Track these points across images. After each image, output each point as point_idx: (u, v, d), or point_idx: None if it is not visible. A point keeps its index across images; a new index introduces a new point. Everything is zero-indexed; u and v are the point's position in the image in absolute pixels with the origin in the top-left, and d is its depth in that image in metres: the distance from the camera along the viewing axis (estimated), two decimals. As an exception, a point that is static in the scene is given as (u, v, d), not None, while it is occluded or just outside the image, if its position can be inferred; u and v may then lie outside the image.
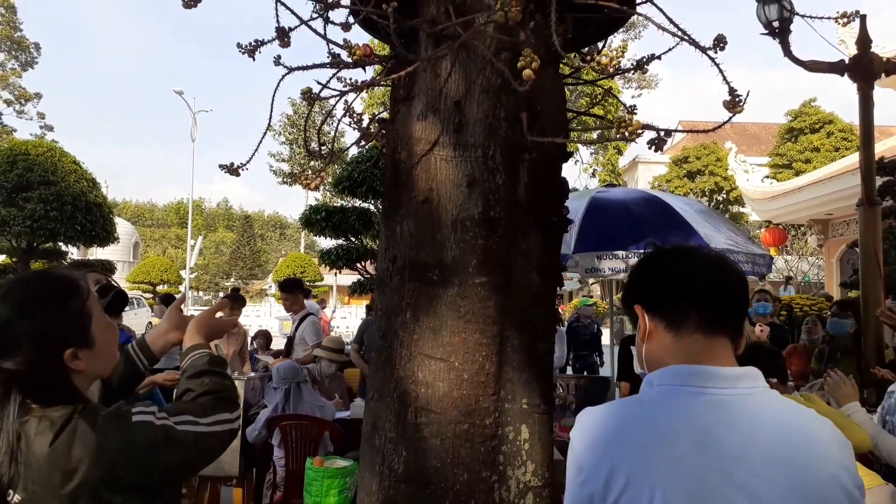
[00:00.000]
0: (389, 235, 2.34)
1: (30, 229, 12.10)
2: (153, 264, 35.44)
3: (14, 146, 13.35)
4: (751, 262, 5.78)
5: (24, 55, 37.46)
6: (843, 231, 17.75)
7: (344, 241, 11.18)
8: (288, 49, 2.74)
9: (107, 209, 13.79)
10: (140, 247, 49.70)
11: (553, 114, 2.43)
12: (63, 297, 1.56)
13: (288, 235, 78.58)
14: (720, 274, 1.37)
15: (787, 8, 4.21)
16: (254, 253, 61.48)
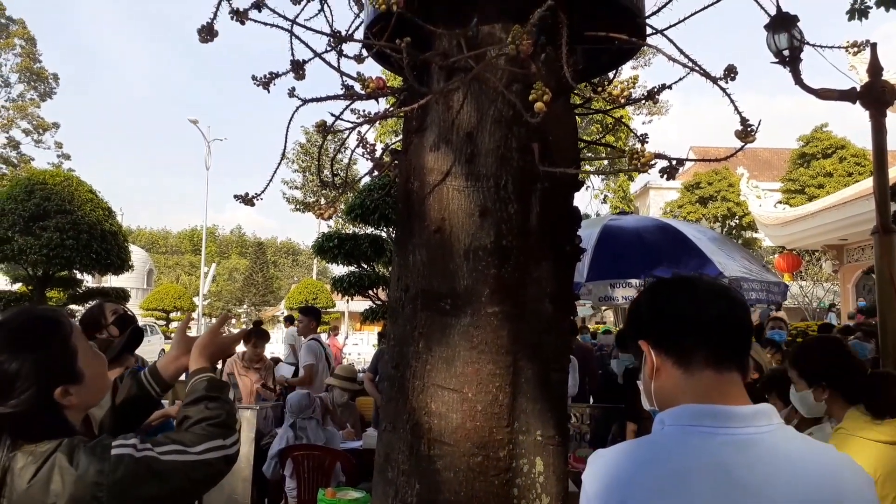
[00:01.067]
0: (402, 264, 2.34)
1: (46, 258, 12.22)
2: (167, 291, 35.63)
3: (32, 176, 13.56)
4: (765, 290, 5.73)
5: (43, 86, 38.19)
6: (859, 256, 17.59)
7: (356, 268, 11.21)
8: (302, 80, 2.78)
9: (122, 237, 13.92)
10: (154, 274, 50.01)
11: (564, 143, 2.44)
12: (47, 337, 1.56)
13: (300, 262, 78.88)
14: (726, 305, 1.33)
15: (796, 37, 4.23)
16: (266, 280, 61.68)
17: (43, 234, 12.18)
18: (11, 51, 37.01)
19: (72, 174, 14.53)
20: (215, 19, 2.48)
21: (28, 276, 13.27)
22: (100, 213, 13.23)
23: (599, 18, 2.30)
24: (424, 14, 2.18)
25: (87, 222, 12.69)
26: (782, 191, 28.85)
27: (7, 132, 37.34)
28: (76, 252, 12.36)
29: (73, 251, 12.32)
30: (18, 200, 12.50)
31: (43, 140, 37.88)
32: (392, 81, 3.05)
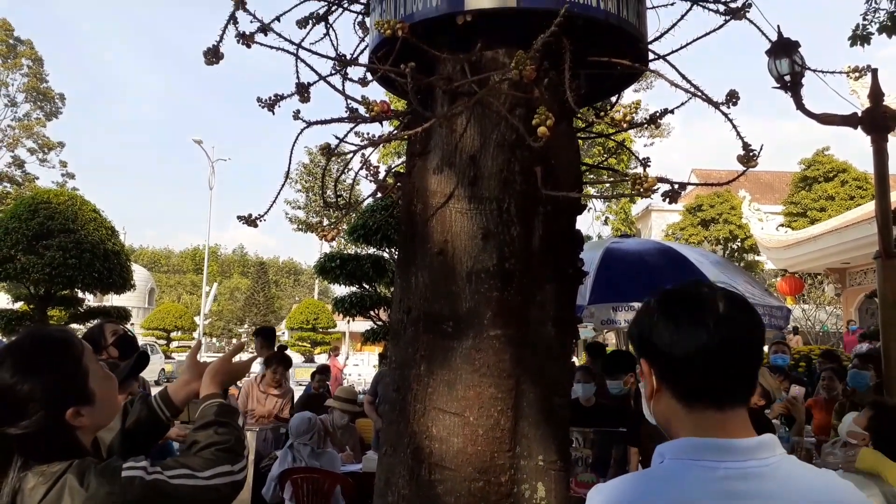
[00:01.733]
0: (404, 286, 2.34)
1: (48, 276, 12.24)
2: (168, 311, 35.58)
3: (37, 195, 13.64)
4: (768, 315, 5.72)
5: (49, 105, 38.50)
6: (861, 280, 17.56)
7: (358, 289, 11.20)
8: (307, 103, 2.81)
9: (124, 257, 13.95)
10: (155, 293, 49.99)
11: (567, 167, 2.45)
12: (59, 358, 1.56)
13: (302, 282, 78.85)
14: (734, 328, 1.22)
15: (798, 63, 4.27)
16: (268, 299, 61.60)
17: (46, 252, 12.21)
18: (19, 71, 37.37)
19: (76, 193, 14.61)
20: (221, 42, 2.52)
21: (30, 294, 13.28)
22: (103, 233, 13.28)
23: (602, 44, 2.32)
24: (429, 39, 2.20)
25: (89, 241, 12.73)
26: (784, 214, 28.86)
27: (12, 151, 37.60)
28: (78, 271, 12.38)
29: (76, 270, 12.34)
30: (22, 219, 12.55)
31: (48, 159, 38.13)
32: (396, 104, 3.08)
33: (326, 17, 2.92)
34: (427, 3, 2.17)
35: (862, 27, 6.87)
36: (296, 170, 41.36)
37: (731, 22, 2.58)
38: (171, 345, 34.18)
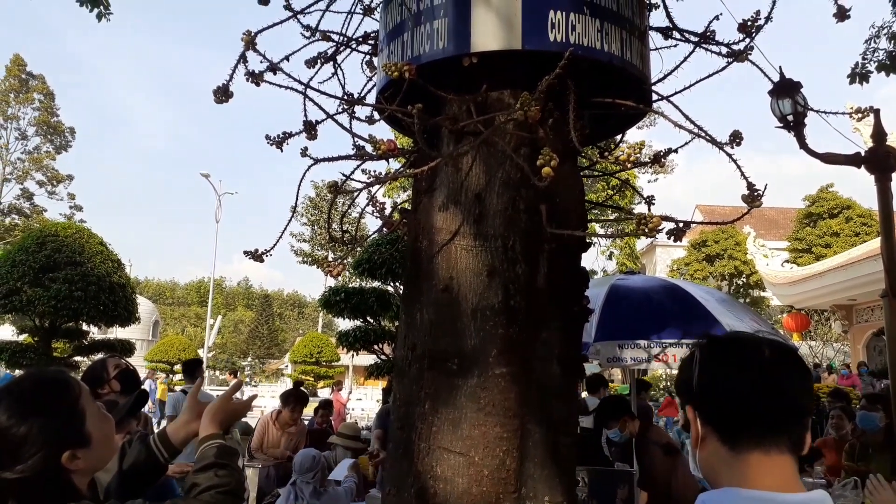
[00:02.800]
0: (409, 323, 2.34)
1: (54, 309, 12.26)
2: (171, 343, 35.45)
3: (45, 228, 13.73)
4: (775, 353, 5.62)
5: (59, 139, 38.94)
6: (868, 317, 17.44)
7: (362, 323, 11.17)
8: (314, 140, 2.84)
9: (129, 289, 13.98)
10: (160, 325, 49.91)
11: (572, 205, 2.47)
12: (56, 400, 1.55)
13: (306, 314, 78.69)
14: (782, 376, 1.20)
15: (800, 103, 4.32)
16: (271, 332, 61.39)
17: (52, 285, 12.25)
18: (30, 105, 37.91)
19: (83, 226, 14.70)
20: (231, 81, 2.56)
21: (35, 327, 13.28)
22: (109, 266, 13.33)
23: (606, 85, 2.36)
24: (435, 80, 2.24)
25: (96, 274, 12.77)
26: (789, 250, 28.80)
27: (21, 183, 37.95)
28: (84, 303, 12.40)
29: (81, 303, 12.36)
30: (30, 252, 12.62)
31: (56, 191, 38.44)
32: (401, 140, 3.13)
33: (335, 56, 2.97)
34: (434, 45, 2.21)
35: (861, 65, 6.95)
36: (302, 203, 41.59)
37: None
38: (175, 377, 33.99)
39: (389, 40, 2.42)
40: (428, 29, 2.22)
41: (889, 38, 6.85)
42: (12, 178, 38.00)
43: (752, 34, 2.49)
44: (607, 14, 2.21)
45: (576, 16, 2.14)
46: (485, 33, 2.14)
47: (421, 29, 2.24)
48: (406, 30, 2.31)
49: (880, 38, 6.93)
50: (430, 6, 2.23)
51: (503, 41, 2.14)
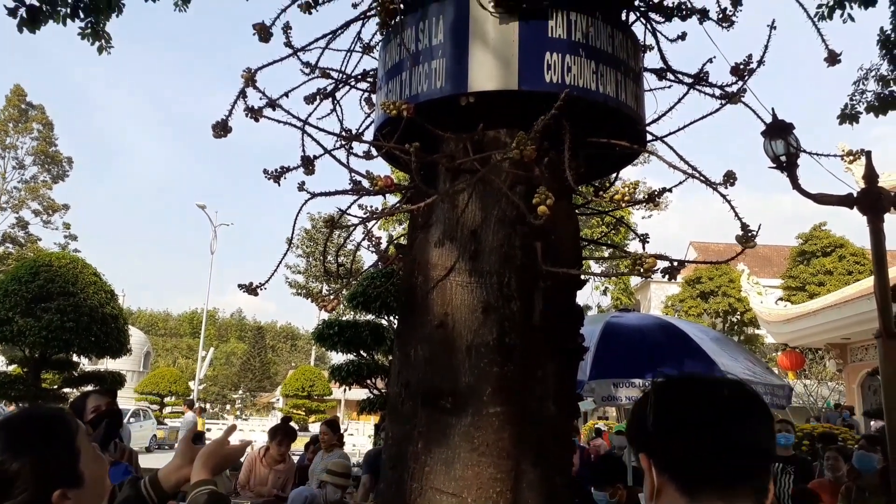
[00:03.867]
0: (403, 359, 2.33)
1: (44, 339, 12.16)
2: (162, 375, 35.13)
3: (39, 258, 13.70)
4: (770, 394, 5.64)
5: (57, 168, 39.04)
6: (863, 356, 17.41)
7: (355, 356, 11.10)
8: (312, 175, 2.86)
9: (122, 321, 13.89)
10: (151, 356, 49.47)
11: (567, 243, 2.48)
12: (50, 437, 1.53)
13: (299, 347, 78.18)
14: (743, 418, 1.13)
15: (792, 145, 4.38)
16: (263, 364, 60.88)
17: (44, 315, 12.17)
18: (29, 135, 38.09)
19: (77, 256, 14.65)
20: (230, 116, 2.59)
21: (25, 357, 13.15)
22: (102, 296, 13.27)
23: (601, 125, 2.39)
24: (432, 118, 2.27)
25: (88, 305, 12.71)
26: (783, 287, 28.89)
27: (17, 212, 37.94)
28: (75, 334, 12.32)
29: (73, 333, 12.28)
30: (22, 282, 12.57)
31: (52, 221, 38.40)
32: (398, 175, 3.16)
33: (334, 93, 3.00)
34: (431, 84, 2.24)
35: (850, 106, 7.08)
36: (297, 235, 41.60)
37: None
38: (165, 410, 33.59)
39: (388, 79, 2.45)
40: (426, 69, 2.26)
41: (877, 81, 6.99)
42: (8, 207, 37.98)
43: (744, 77, 2.54)
44: (602, 56, 2.25)
45: (571, 57, 2.17)
46: (482, 74, 2.17)
47: (419, 68, 2.28)
48: (404, 69, 2.34)
49: (868, 80, 7.08)
50: (429, 46, 2.27)
51: (500, 81, 2.17)
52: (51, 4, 5.33)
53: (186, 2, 6.08)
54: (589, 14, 2.23)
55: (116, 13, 5.70)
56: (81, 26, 5.61)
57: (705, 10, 2.79)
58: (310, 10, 2.64)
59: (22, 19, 5.24)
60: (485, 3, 2.17)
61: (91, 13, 5.56)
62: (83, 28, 5.63)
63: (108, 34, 5.80)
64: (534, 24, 2.16)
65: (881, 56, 6.83)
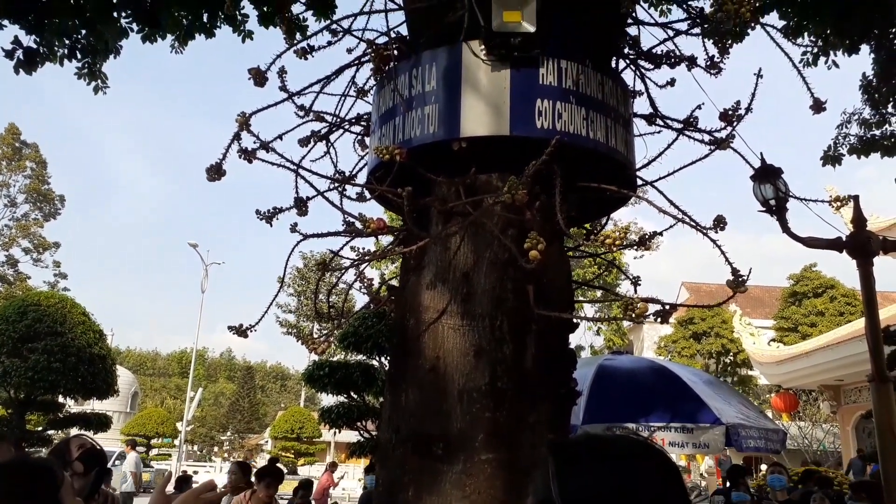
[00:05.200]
0: (394, 403, 2.31)
1: (30, 381, 12.01)
2: (150, 416, 34.60)
3: (27, 297, 13.60)
4: (764, 438, 5.60)
5: (49, 206, 38.97)
6: (856, 398, 17.34)
7: (346, 398, 10.96)
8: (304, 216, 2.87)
9: (110, 361, 13.73)
10: (139, 397, 48.75)
11: (559, 286, 2.48)
12: (37, 488, 1.55)
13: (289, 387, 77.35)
14: (636, 469, 1.05)
15: (781, 189, 4.44)
16: (252, 405, 60.06)
17: (30, 356, 12.04)
18: (22, 173, 38.13)
19: (66, 296, 14.54)
20: (224, 159, 2.60)
21: (10, 398, 12.96)
22: (90, 336, 13.15)
23: (592, 169, 2.42)
24: (425, 162, 2.29)
25: (76, 345, 12.59)
26: (775, 328, 28.90)
27: (7, 250, 37.73)
28: (62, 375, 12.18)
29: (59, 374, 12.14)
30: (10, 321, 12.46)
31: (42, 259, 38.17)
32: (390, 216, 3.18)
33: (328, 136, 3.03)
34: (424, 129, 2.27)
35: (834, 148, 7.21)
36: (289, 273, 41.49)
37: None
38: (151, 452, 32.97)
39: (382, 123, 2.48)
40: (419, 114, 2.29)
41: (860, 124, 7.14)
42: (-2, 245, 37.81)
43: (733, 123, 2.58)
44: (593, 103, 2.28)
45: (562, 104, 2.21)
46: (474, 119, 2.20)
47: (412, 114, 2.31)
48: (398, 114, 2.37)
49: (851, 123, 7.22)
50: (422, 92, 2.30)
51: (491, 127, 2.20)
52: (48, 46, 5.38)
53: (183, 44, 6.16)
54: (579, 62, 2.27)
55: (114, 55, 5.76)
56: (78, 66, 5.66)
57: (693, 57, 2.85)
58: (305, 55, 2.68)
59: (19, 61, 5.28)
60: (477, 51, 2.21)
61: (88, 54, 5.61)
62: (80, 68, 5.68)
63: (105, 74, 5.85)
64: (525, 72, 2.20)
65: (864, 101, 6.98)
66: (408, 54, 2.46)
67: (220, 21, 5.58)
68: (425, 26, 2.46)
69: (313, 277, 35.64)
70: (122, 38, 5.56)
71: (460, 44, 2.25)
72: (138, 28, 5.50)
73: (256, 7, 5.33)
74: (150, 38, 5.61)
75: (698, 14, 2.82)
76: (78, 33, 5.47)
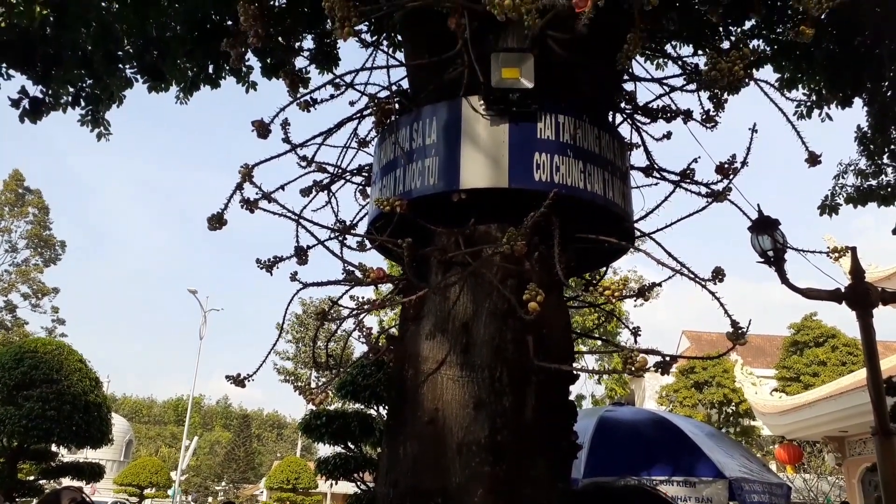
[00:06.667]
0: (391, 457, 2.27)
1: (24, 429, 11.84)
2: (144, 465, 33.96)
3: (24, 344, 13.51)
4: (768, 493, 5.48)
5: (49, 252, 39.05)
6: (861, 450, 17.05)
7: (343, 449, 10.79)
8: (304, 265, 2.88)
9: (105, 409, 13.56)
10: (133, 445, 47.98)
11: (558, 336, 2.47)
12: None
13: (285, 436, 76.19)
14: None
15: (779, 241, 4.47)
16: (248, 455, 59.10)
17: (25, 403, 11.90)
18: (24, 219, 38.33)
19: (63, 342, 14.44)
20: (226, 210, 2.62)
21: (2, 447, 12.75)
22: (86, 384, 13.01)
23: (590, 221, 2.44)
24: (425, 213, 2.31)
25: (72, 393, 12.46)
26: (777, 378, 28.61)
27: (6, 296, 37.64)
28: (56, 423, 12.01)
29: (54, 422, 11.98)
30: (6, 368, 12.35)
31: (40, 304, 38.06)
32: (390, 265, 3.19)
33: (329, 186, 3.07)
34: (425, 181, 2.30)
35: (830, 198, 7.28)
36: (288, 320, 41.28)
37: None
38: (144, 502, 32.29)
39: (383, 175, 2.51)
40: (419, 166, 2.32)
41: (856, 174, 7.22)
42: (-2, 291, 37.74)
43: (729, 176, 2.61)
44: (590, 156, 2.32)
45: (560, 157, 2.24)
46: (473, 172, 2.23)
47: (413, 166, 2.34)
48: (399, 166, 2.40)
49: (847, 173, 7.31)
50: (422, 146, 2.34)
51: (490, 180, 2.23)
52: (54, 96, 5.48)
53: (188, 95, 6.26)
54: (576, 117, 2.32)
55: (117, 104, 5.85)
56: (82, 113, 5.75)
57: (689, 111, 2.90)
58: (308, 108, 2.73)
59: (24, 110, 5.37)
60: (476, 105, 2.26)
61: (92, 102, 5.71)
62: (83, 115, 5.77)
63: (108, 122, 5.93)
64: (523, 126, 2.24)
65: (859, 152, 7.07)
66: (409, 108, 2.50)
67: (224, 73, 5.70)
68: (426, 81, 2.51)
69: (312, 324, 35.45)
70: (127, 88, 5.67)
71: (460, 98, 2.30)
72: (143, 78, 5.61)
73: (260, 59, 5.45)
74: (155, 89, 5.72)
75: (693, 69, 2.88)
76: (83, 82, 5.57)
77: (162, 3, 5.02)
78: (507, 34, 2.29)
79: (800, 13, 3.08)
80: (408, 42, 2.93)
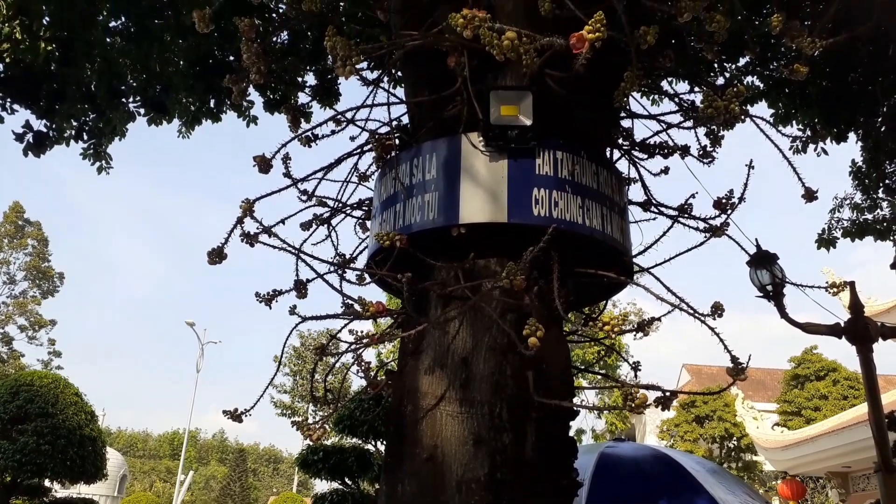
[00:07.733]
0: (389, 494, 2.25)
1: (18, 463, 11.69)
2: (138, 501, 33.44)
3: (20, 377, 13.42)
4: (771, 529, 5.42)
5: (48, 283, 38.95)
6: (865, 486, 16.84)
7: (340, 485, 10.65)
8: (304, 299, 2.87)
9: (100, 444, 13.41)
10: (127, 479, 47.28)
11: (558, 371, 2.46)
12: None
13: (281, 471, 75.19)
14: None
15: (777, 275, 4.48)
16: (244, 490, 58.22)
17: (20, 438, 11.78)
18: (23, 250, 38.32)
19: (59, 376, 14.34)
20: (226, 244, 2.63)
21: (-5, 483, 12.59)
22: (82, 418, 12.89)
23: (589, 255, 2.45)
24: (425, 247, 2.32)
25: (67, 427, 12.33)
26: (779, 412, 28.37)
27: (3, 328, 37.44)
28: (50, 458, 11.87)
29: (48, 457, 11.84)
30: (1, 402, 12.25)
31: (37, 337, 37.84)
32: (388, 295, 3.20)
33: (329, 220, 3.08)
34: (424, 216, 2.31)
35: (827, 232, 7.34)
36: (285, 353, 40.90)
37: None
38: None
39: (383, 209, 2.53)
40: (419, 201, 2.34)
41: (852, 209, 7.28)
42: (-5, 323, 37.55)
43: (727, 211, 2.63)
44: (588, 192, 2.34)
45: (558, 193, 2.26)
46: (472, 207, 2.25)
47: (413, 201, 2.36)
48: (399, 201, 2.42)
49: (844, 208, 7.38)
50: (422, 181, 2.36)
51: (490, 214, 2.24)
52: (57, 130, 5.53)
53: (190, 129, 6.33)
54: (574, 153, 2.34)
55: (119, 137, 5.91)
56: (84, 147, 5.80)
57: (686, 147, 2.94)
58: (310, 143, 2.76)
59: (28, 144, 5.41)
60: (475, 142, 2.28)
61: (94, 136, 5.76)
62: (85, 149, 5.81)
63: (109, 155, 5.97)
64: (522, 162, 2.26)
65: (854, 186, 7.14)
66: (409, 144, 2.53)
67: (225, 107, 5.77)
68: (426, 118, 2.54)
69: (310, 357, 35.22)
70: (129, 122, 5.74)
71: (459, 135, 2.32)
72: (145, 112, 5.67)
73: (262, 94, 5.53)
74: (156, 122, 5.79)
75: (689, 106, 2.92)
76: (86, 116, 5.63)
77: (165, 39, 5.10)
78: (506, 72, 2.32)
79: (794, 51, 3.14)
80: (408, 79, 2.97)
